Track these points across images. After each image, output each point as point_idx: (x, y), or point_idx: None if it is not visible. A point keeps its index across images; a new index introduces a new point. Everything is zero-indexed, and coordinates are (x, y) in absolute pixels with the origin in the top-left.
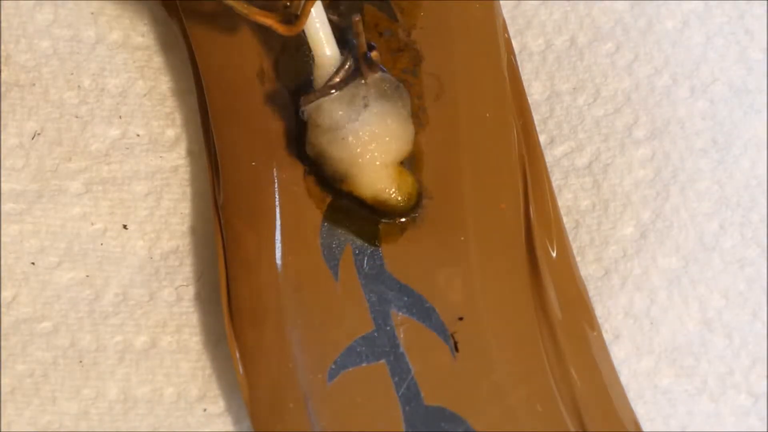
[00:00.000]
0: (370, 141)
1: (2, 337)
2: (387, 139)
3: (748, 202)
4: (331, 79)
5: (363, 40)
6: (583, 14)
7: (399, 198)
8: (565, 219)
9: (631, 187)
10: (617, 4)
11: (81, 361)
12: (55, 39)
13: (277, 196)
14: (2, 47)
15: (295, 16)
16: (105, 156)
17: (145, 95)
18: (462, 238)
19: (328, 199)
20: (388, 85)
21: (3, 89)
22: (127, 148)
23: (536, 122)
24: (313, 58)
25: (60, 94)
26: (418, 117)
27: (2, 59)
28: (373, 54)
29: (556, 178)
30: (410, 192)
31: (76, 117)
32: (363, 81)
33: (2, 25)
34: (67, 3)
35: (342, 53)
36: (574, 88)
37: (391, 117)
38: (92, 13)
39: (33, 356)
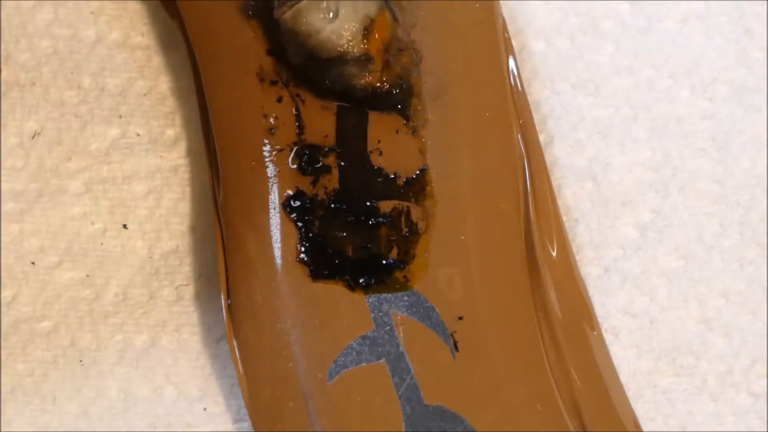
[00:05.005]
0: (353, 36)
1: (2, 337)
2: (367, 30)
3: (748, 201)
4: None
5: None
6: (583, 14)
7: (388, 85)
8: (564, 218)
9: (631, 186)
10: (617, 4)
11: (81, 361)
12: (55, 39)
13: (276, 195)
14: (2, 47)
15: None
16: (105, 156)
17: (145, 95)
18: (462, 238)
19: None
20: None
21: (3, 89)
22: (127, 148)
23: (536, 122)
24: None
25: (60, 94)
26: (418, 117)
27: (2, 59)
28: None
29: (555, 178)
30: (398, 78)
31: (76, 116)
32: None
33: (2, 24)
34: (67, 3)
35: None
36: (573, 88)
37: (366, 8)
38: (92, 13)
39: (33, 356)
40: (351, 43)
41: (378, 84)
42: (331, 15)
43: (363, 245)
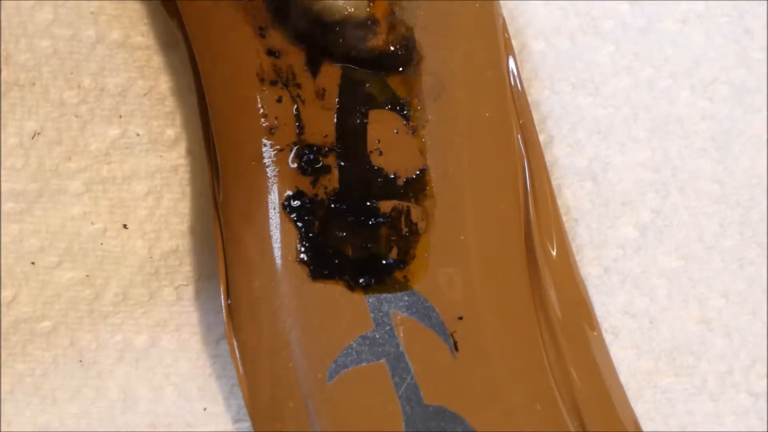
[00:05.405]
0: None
1: (2, 337)
2: None
3: (748, 201)
4: None
5: None
6: (583, 14)
7: (393, 47)
8: (564, 218)
9: (631, 186)
10: (617, 4)
11: (81, 361)
12: (55, 38)
13: (276, 195)
14: (2, 47)
15: None
16: (105, 156)
17: (145, 95)
18: (462, 238)
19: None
20: None
21: (3, 89)
22: (127, 148)
23: (536, 122)
24: None
25: (60, 94)
26: (418, 117)
27: (2, 59)
28: None
29: (555, 178)
30: (403, 38)
31: (76, 116)
32: None
33: (2, 24)
34: (67, 3)
35: None
36: (573, 88)
37: None
38: (92, 13)
39: (33, 356)
40: (357, 6)
41: (384, 46)
42: None
43: (363, 245)
